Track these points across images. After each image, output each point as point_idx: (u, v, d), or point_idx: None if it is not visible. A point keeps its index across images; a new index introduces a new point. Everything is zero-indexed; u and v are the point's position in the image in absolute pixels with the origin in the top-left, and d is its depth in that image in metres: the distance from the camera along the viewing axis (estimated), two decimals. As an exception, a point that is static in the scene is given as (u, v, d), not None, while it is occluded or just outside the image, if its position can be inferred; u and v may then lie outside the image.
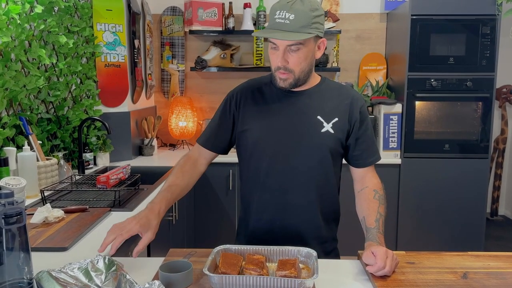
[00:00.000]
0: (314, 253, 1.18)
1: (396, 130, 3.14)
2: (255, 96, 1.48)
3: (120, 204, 1.91)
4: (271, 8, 1.33)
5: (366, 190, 1.45)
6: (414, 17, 3.04)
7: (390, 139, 3.14)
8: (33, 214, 1.62)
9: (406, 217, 3.20)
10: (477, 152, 3.13)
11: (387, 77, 3.59)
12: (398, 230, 3.22)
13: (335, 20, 3.50)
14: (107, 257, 1.06)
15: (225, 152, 1.55)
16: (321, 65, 3.47)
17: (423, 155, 3.15)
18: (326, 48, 3.53)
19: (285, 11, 1.27)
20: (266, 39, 1.33)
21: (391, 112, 3.15)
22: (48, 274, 1.00)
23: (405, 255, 1.33)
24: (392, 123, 3.14)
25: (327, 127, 1.41)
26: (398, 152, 3.14)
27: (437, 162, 3.15)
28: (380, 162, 1.50)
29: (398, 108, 3.14)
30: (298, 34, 1.27)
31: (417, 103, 3.12)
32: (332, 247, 1.51)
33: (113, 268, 1.03)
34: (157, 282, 0.97)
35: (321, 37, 1.37)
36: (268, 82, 1.48)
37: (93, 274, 1.03)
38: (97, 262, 1.05)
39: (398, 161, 3.14)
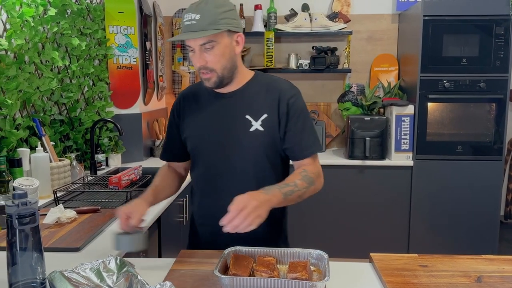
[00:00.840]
0: (326, 255, 1.17)
1: (408, 132, 3.12)
2: (191, 102, 1.48)
3: (131, 205, 1.92)
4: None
5: (298, 170, 1.42)
6: (427, 17, 3.01)
7: (402, 140, 3.11)
8: (46, 214, 1.63)
9: (418, 220, 3.17)
10: (491, 154, 3.09)
11: (399, 78, 3.57)
12: (411, 232, 3.18)
13: (346, 21, 3.49)
14: (118, 257, 1.07)
15: (188, 159, 1.55)
16: (332, 66, 3.45)
17: (436, 157, 3.11)
18: (337, 49, 3.52)
19: (191, 13, 1.29)
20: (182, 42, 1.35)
21: (403, 113, 3.12)
22: (60, 274, 1.00)
23: (418, 258, 1.31)
24: (404, 125, 3.12)
25: (256, 125, 1.39)
26: (410, 154, 3.11)
27: (450, 164, 3.11)
28: (392, 164, 1.46)
29: (410, 109, 3.11)
30: (204, 32, 1.28)
31: (430, 104, 3.09)
32: (283, 247, 1.47)
33: (125, 269, 1.04)
34: (168, 283, 0.97)
35: (236, 32, 1.35)
36: (204, 87, 1.44)
37: (104, 274, 1.03)
38: (109, 262, 1.06)
39: (410, 163, 3.10)
